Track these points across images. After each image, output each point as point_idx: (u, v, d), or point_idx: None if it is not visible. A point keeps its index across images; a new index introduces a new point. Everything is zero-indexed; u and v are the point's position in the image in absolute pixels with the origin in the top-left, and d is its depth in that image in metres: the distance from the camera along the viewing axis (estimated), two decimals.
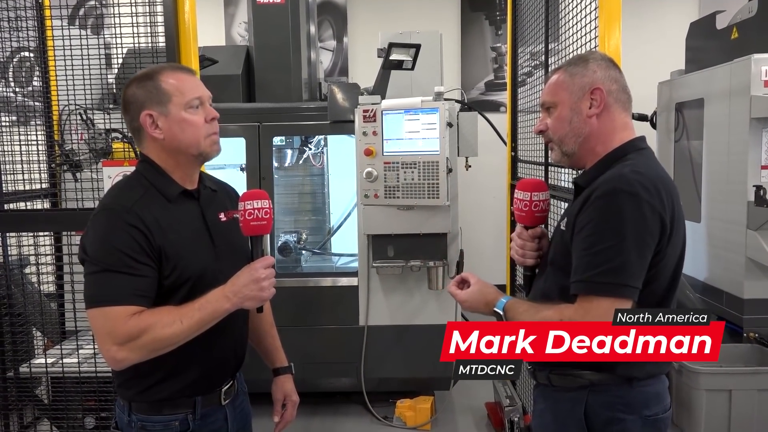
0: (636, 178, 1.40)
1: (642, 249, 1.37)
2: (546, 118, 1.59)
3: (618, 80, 1.54)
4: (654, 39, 5.89)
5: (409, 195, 3.16)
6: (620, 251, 1.36)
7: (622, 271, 1.36)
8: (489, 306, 1.60)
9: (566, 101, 1.54)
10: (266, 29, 3.90)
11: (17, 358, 2.89)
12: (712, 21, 4.07)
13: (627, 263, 1.36)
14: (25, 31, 2.85)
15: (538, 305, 1.51)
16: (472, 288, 1.65)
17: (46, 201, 3.05)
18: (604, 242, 1.37)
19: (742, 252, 3.38)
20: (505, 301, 1.56)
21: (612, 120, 1.53)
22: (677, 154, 4.25)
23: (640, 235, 1.37)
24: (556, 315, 1.42)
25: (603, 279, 1.37)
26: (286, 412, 1.84)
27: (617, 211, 1.38)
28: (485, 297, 1.61)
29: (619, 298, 1.37)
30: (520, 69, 3.63)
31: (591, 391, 1.50)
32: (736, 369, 3.17)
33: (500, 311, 1.55)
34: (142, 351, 1.42)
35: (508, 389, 3.38)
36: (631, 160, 1.48)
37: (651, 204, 1.38)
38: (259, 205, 1.53)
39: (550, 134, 1.58)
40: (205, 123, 1.56)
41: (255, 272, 1.48)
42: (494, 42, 6.27)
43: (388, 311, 3.53)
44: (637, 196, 1.37)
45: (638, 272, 1.38)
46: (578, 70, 1.54)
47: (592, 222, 1.41)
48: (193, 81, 1.58)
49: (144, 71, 1.59)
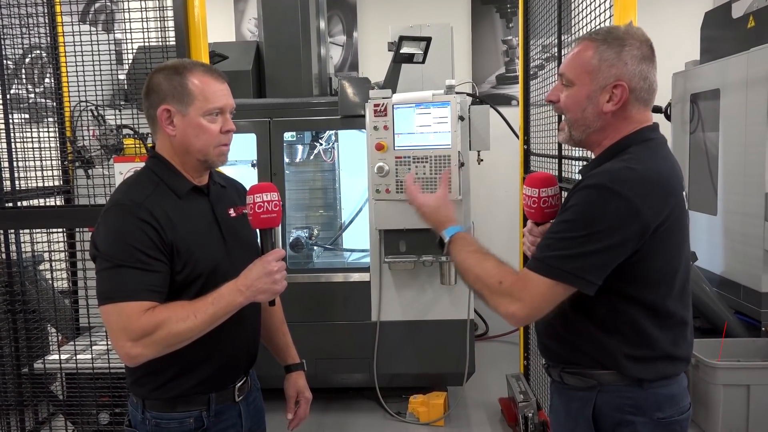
0: (626, 176, 1.35)
1: (608, 247, 1.33)
2: (561, 88, 1.51)
3: (647, 77, 1.43)
4: (668, 29, 5.82)
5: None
6: (582, 243, 1.34)
7: (574, 259, 1.34)
8: (440, 226, 1.59)
9: (586, 85, 1.45)
10: (276, 25, 3.89)
11: (32, 355, 2.92)
12: (728, 10, 4.00)
13: (584, 254, 1.34)
14: (35, 28, 2.86)
15: (488, 254, 1.50)
16: (433, 197, 1.64)
17: (59, 198, 3.06)
18: (571, 231, 1.36)
19: (759, 245, 3.33)
20: (456, 231, 1.55)
21: (626, 117, 1.46)
22: (692, 146, 4.20)
23: (609, 233, 1.33)
24: (497, 273, 1.43)
25: (554, 263, 1.36)
26: (299, 409, 1.83)
27: (594, 205, 1.35)
28: (439, 215, 1.61)
29: (561, 282, 1.36)
30: (531, 62, 3.59)
31: (600, 391, 1.46)
32: (754, 363, 3.13)
33: (446, 238, 1.55)
34: (157, 346, 1.42)
35: (522, 384, 3.36)
36: (629, 154, 1.42)
37: (632, 205, 1.33)
38: (268, 198, 1.52)
39: (561, 108, 1.51)
40: (219, 133, 1.55)
41: (267, 265, 1.47)
42: (505, 35, 6.23)
43: (400, 307, 3.51)
44: (618, 195, 1.33)
45: (595, 266, 1.35)
46: (609, 55, 1.41)
47: (570, 210, 1.39)
48: (220, 89, 1.56)
49: (174, 63, 1.57)
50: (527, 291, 1.39)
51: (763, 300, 3.33)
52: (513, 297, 1.40)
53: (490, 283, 1.44)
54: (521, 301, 1.39)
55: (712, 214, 3.81)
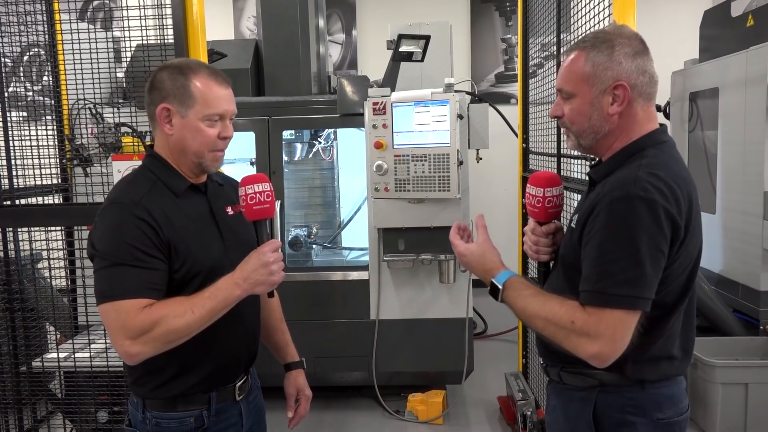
0: (651, 182, 1.31)
1: (656, 259, 1.31)
2: (562, 103, 1.48)
3: (645, 70, 1.41)
4: (667, 28, 5.82)
5: (419, 188, 3.14)
6: (635, 262, 1.29)
7: (636, 282, 1.30)
8: (487, 274, 1.49)
9: (586, 95, 1.41)
10: (275, 23, 3.88)
11: (30, 353, 2.91)
12: (727, 9, 4.00)
13: (642, 275, 1.29)
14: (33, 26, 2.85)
15: (545, 293, 1.42)
16: (476, 245, 1.53)
17: (58, 196, 3.06)
18: (617, 251, 1.30)
19: (758, 243, 3.33)
20: (508, 277, 1.45)
21: (634, 115, 1.43)
22: (691, 144, 4.20)
23: (654, 244, 1.30)
24: (565, 313, 1.34)
25: (618, 291, 1.29)
26: (299, 406, 1.83)
27: (631, 218, 1.30)
28: (485, 262, 1.51)
29: (632, 309, 1.31)
30: (530, 60, 3.59)
31: (600, 391, 1.45)
32: (752, 362, 3.13)
33: (500, 286, 1.45)
34: (156, 343, 1.41)
35: (521, 383, 3.36)
36: (647, 158, 1.39)
37: (666, 209, 1.30)
38: (260, 189, 1.51)
39: (566, 123, 1.49)
40: (217, 138, 1.55)
41: (263, 256, 1.46)
42: (504, 33, 6.22)
43: (399, 305, 3.51)
44: (653, 202, 1.29)
45: (652, 282, 1.32)
46: (601, 59, 1.39)
47: (605, 228, 1.33)
48: (223, 95, 1.55)
49: (180, 62, 1.56)
50: (604, 326, 1.30)
51: (761, 298, 3.33)
52: (590, 337, 1.31)
53: (562, 325, 1.35)
54: (602, 338, 1.30)
55: (710, 212, 3.81)
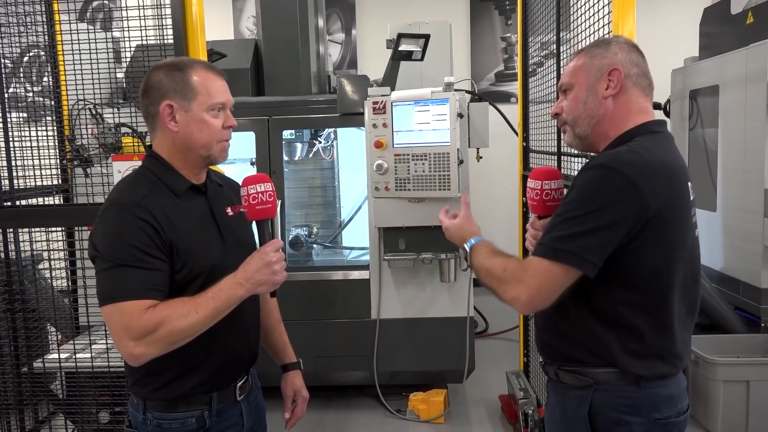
0: (627, 157, 1.36)
1: (607, 225, 1.34)
2: (563, 100, 1.56)
3: (639, 65, 1.50)
4: (667, 25, 5.82)
5: (420, 187, 3.14)
6: (581, 222, 1.35)
7: (573, 239, 1.35)
8: (462, 241, 1.67)
9: (583, 82, 1.51)
10: (274, 23, 3.88)
11: (31, 354, 2.91)
12: (727, 6, 4.00)
13: (582, 234, 1.34)
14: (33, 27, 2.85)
15: (495, 251, 1.56)
16: (457, 220, 1.73)
17: (58, 197, 3.06)
18: (572, 211, 1.37)
19: (759, 241, 3.33)
20: (475, 242, 1.62)
21: (628, 103, 1.49)
22: (692, 142, 4.20)
23: (608, 210, 1.33)
24: (502, 262, 1.47)
25: (555, 245, 1.37)
26: (296, 408, 1.83)
27: (595, 183, 1.36)
28: (462, 232, 1.69)
29: (563, 263, 1.36)
30: (530, 59, 3.59)
31: (597, 390, 1.46)
32: (753, 360, 3.13)
33: (467, 249, 1.63)
34: (160, 344, 1.41)
35: (522, 381, 3.36)
36: (633, 142, 1.44)
37: (631, 181, 1.33)
38: (262, 189, 1.51)
39: (564, 116, 1.56)
40: (221, 129, 1.55)
41: (266, 256, 1.46)
42: (504, 32, 6.22)
43: (400, 304, 3.51)
44: (617, 172, 1.33)
45: (593, 246, 1.35)
46: (599, 51, 1.51)
47: (571, 191, 1.41)
48: (221, 84, 1.56)
49: (173, 60, 1.57)
50: (528, 273, 1.40)
51: (762, 296, 3.33)
52: (516, 281, 1.41)
53: (496, 273, 1.46)
54: (522, 284, 1.40)
55: (711, 210, 3.81)
